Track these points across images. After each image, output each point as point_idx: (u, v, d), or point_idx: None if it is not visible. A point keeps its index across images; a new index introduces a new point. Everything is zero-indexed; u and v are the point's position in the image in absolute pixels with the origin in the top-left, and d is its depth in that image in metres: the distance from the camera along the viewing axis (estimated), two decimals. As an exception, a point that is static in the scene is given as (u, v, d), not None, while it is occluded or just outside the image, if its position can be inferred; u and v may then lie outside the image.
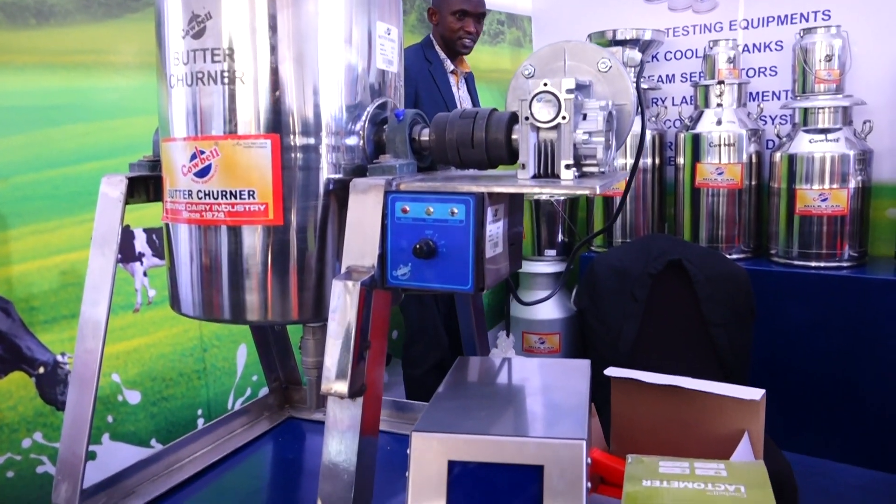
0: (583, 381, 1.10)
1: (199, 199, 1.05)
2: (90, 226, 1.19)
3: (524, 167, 1.00)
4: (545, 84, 0.96)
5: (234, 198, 1.03)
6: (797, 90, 3.06)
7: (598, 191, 0.93)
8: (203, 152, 1.04)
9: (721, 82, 3.17)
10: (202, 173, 1.04)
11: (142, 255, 2.09)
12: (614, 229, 3.52)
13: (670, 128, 3.63)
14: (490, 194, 0.96)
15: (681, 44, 3.63)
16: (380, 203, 0.97)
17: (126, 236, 2.04)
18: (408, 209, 0.97)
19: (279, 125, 1.03)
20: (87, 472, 1.15)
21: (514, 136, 1.03)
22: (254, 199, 1.03)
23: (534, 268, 3.47)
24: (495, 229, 1.01)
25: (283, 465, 1.50)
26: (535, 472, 0.83)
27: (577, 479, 0.82)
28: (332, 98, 1.06)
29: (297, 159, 1.04)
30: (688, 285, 2.46)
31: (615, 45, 3.34)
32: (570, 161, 0.97)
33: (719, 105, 3.18)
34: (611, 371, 1.20)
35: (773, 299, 2.85)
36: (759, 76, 3.43)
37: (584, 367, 1.17)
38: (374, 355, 0.97)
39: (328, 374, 0.92)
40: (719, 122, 3.15)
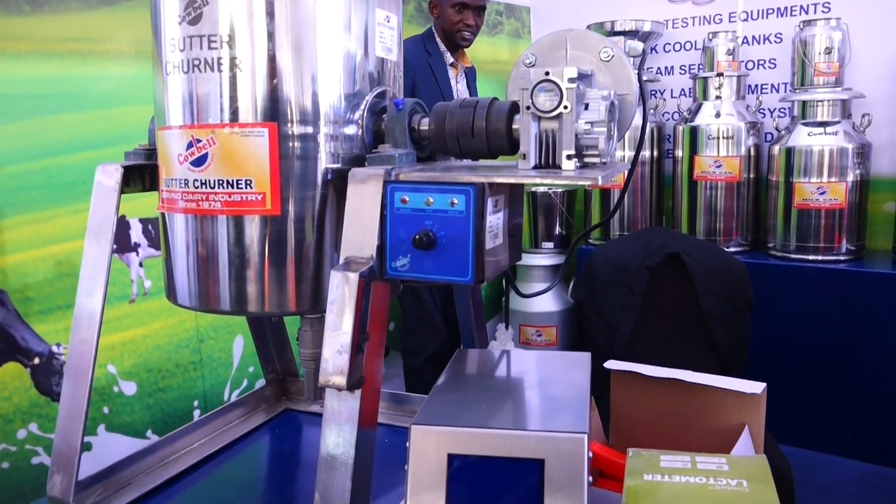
0: (583, 374, 1.09)
1: (196, 188, 1.04)
2: (85, 215, 1.18)
3: (525, 157, 0.99)
4: (547, 73, 0.95)
5: (232, 187, 1.02)
6: (796, 83, 3.04)
7: (601, 181, 0.92)
8: (200, 141, 1.03)
9: (720, 74, 3.15)
10: (199, 162, 1.03)
11: (137, 246, 2.08)
12: (612, 222, 3.51)
13: (668, 120, 3.62)
14: (490, 185, 0.95)
15: (680, 35, 3.61)
16: (379, 193, 0.96)
17: (121, 226, 2.03)
18: (407, 199, 0.96)
19: (277, 113, 1.02)
20: (83, 464, 1.14)
21: (515, 126, 1.02)
22: (251, 188, 1.02)
23: (531, 260, 3.46)
24: (495, 220, 1.00)
25: (280, 457, 1.49)
26: (536, 465, 0.83)
27: (578, 472, 0.81)
28: (331, 86, 1.05)
29: (294, 148, 1.03)
30: (686, 278, 2.46)
31: (614, 37, 3.32)
32: (572, 151, 0.96)
33: (718, 97, 3.16)
34: (611, 364, 1.20)
35: (771, 293, 2.84)
36: (758, 68, 3.42)
37: (584, 359, 1.16)
38: (373, 347, 0.96)
39: (326, 366, 0.91)
40: (718, 115, 3.14)
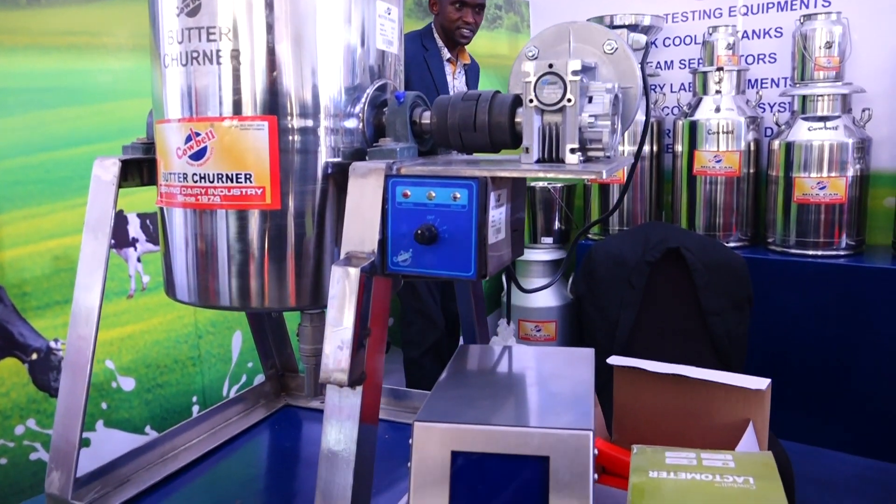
0: (587, 370, 1.08)
1: (195, 182, 1.03)
2: (83, 210, 1.16)
3: (528, 151, 0.98)
4: (551, 66, 0.94)
5: (231, 181, 1.01)
6: (796, 77, 3.03)
7: (605, 175, 0.91)
8: (199, 134, 1.01)
9: (720, 69, 3.14)
10: (197, 156, 1.02)
11: (135, 241, 2.07)
12: (611, 217, 3.50)
13: (668, 115, 3.61)
14: (493, 179, 0.94)
15: (680, 30, 3.60)
16: (380, 187, 0.95)
17: (119, 221, 2.02)
18: (409, 194, 0.94)
19: (276, 106, 1.00)
20: (81, 460, 1.14)
21: (518, 120, 1.01)
22: (251, 182, 1.01)
23: (529, 255, 3.45)
24: (498, 215, 0.99)
25: (280, 453, 1.49)
26: (541, 462, 0.82)
27: (583, 470, 0.81)
28: (331, 79, 1.03)
29: (294, 142, 1.02)
30: (685, 273, 2.45)
31: (614, 30, 3.30)
32: (576, 145, 0.95)
33: (718, 92, 3.15)
34: (614, 360, 1.19)
35: (771, 288, 2.84)
36: (758, 63, 3.41)
37: (588, 355, 1.15)
38: (374, 343, 0.95)
39: (327, 363, 0.90)
40: (718, 110, 3.12)
